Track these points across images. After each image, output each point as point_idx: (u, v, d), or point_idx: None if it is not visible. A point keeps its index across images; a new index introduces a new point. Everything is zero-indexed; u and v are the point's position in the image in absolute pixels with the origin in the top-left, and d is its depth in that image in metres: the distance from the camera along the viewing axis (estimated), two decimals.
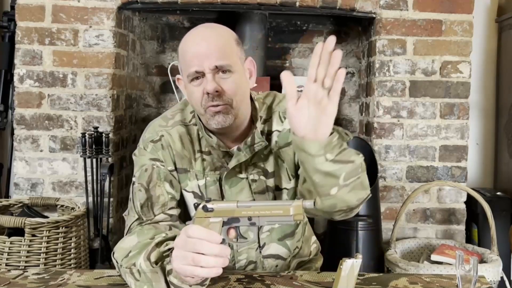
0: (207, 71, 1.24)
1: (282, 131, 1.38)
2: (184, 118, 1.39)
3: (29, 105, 2.47)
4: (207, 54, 1.23)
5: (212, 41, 1.25)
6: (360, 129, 2.90)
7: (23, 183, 2.47)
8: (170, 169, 1.35)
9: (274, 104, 1.41)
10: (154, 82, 3.00)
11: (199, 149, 1.37)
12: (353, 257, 1.10)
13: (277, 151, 1.37)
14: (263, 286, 1.23)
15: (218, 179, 1.36)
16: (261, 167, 1.37)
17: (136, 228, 1.28)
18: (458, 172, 2.61)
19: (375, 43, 2.59)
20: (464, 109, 2.60)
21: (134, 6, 2.53)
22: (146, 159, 1.35)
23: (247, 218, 1.07)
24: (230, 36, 1.30)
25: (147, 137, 1.37)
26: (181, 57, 1.30)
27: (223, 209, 1.07)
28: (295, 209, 1.05)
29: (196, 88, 1.26)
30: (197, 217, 1.07)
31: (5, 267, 2.08)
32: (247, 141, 1.33)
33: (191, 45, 1.27)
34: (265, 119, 1.39)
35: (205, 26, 1.33)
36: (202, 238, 1.01)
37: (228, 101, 1.26)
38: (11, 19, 2.69)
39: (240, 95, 1.28)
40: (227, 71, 1.25)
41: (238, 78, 1.27)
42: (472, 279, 1.07)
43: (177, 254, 1.05)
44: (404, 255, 2.47)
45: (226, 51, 1.26)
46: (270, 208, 1.06)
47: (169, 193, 1.32)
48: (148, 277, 1.12)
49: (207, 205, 1.07)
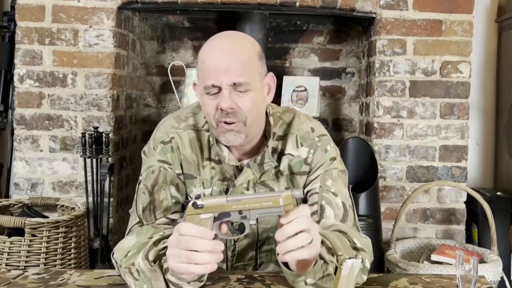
0: (224, 87, 1.20)
1: (296, 157, 1.34)
2: (197, 123, 1.36)
3: (29, 105, 2.47)
4: (226, 70, 1.19)
5: (233, 57, 1.20)
6: (360, 129, 2.90)
7: (23, 183, 2.47)
8: (178, 172, 1.34)
9: (294, 124, 1.37)
10: (154, 82, 3.00)
11: (208, 157, 1.34)
12: (353, 257, 1.10)
13: (289, 174, 1.35)
14: (263, 286, 1.23)
15: (225, 190, 1.33)
16: (270, 187, 1.34)
17: (135, 229, 1.29)
18: (458, 172, 2.61)
19: (375, 43, 2.59)
20: (464, 109, 2.60)
21: (134, 6, 2.53)
22: (154, 160, 1.34)
23: (237, 212, 1.06)
24: (252, 52, 1.25)
25: (158, 137, 1.35)
26: (200, 66, 1.25)
27: (213, 205, 1.06)
28: (284, 199, 1.04)
29: (211, 101, 1.22)
30: (187, 214, 1.07)
31: (5, 267, 2.08)
32: (257, 159, 1.31)
33: (211, 57, 1.22)
34: (279, 135, 1.35)
35: (228, 37, 1.28)
36: (194, 235, 1.02)
37: (242, 119, 1.22)
38: (11, 19, 2.69)
39: (255, 113, 1.25)
40: (245, 89, 1.21)
41: (254, 96, 1.23)
42: (472, 279, 1.07)
43: (171, 252, 1.05)
44: (404, 255, 2.47)
45: (246, 68, 1.21)
46: (260, 200, 1.05)
47: (174, 197, 1.31)
48: (147, 276, 1.13)
49: (197, 202, 1.06)
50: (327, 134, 1.39)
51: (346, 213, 1.31)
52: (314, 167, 1.34)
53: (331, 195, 1.31)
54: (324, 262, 1.10)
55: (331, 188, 1.32)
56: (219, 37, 1.27)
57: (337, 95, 3.02)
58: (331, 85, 3.01)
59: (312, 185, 1.34)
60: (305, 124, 1.37)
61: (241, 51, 1.23)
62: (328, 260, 1.10)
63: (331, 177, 1.33)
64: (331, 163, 1.35)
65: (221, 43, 1.24)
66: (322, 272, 1.10)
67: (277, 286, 1.22)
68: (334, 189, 1.32)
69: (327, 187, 1.32)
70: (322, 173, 1.33)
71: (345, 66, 3.00)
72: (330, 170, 1.34)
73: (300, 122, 1.37)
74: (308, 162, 1.34)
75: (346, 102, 3.02)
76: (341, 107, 3.01)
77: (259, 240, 1.37)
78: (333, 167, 1.35)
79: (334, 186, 1.32)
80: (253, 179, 1.32)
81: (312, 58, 2.99)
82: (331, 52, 2.99)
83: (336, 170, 1.35)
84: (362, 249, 1.22)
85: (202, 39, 2.97)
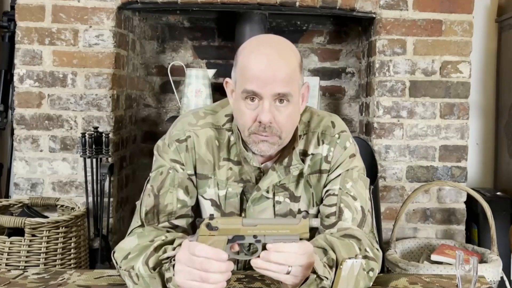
0: (267, 97, 1.19)
1: (316, 155, 1.33)
2: (217, 121, 1.34)
3: (29, 105, 2.46)
4: (271, 81, 1.18)
5: (279, 68, 1.19)
6: (360, 129, 2.90)
7: (23, 183, 2.47)
8: (190, 173, 1.32)
9: (313, 123, 1.36)
10: (154, 82, 3.00)
11: (226, 157, 1.32)
12: (352, 257, 1.10)
13: (307, 175, 1.33)
14: (263, 286, 1.23)
15: (241, 192, 1.32)
16: (289, 190, 1.32)
17: (137, 230, 1.27)
18: (458, 172, 2.61)
19: (375, 43, 2.59)
20: (464, 109, 2.60)
21: (134, 6, 2.53)
22: (166, 160, 1.31)
23: (252, 236, 1.05)
24: (296, 63, 1.24)
25: (174, 134, 1.33)
26: (240, 69, 1.23)
27: (228, 228, 1.05)
28: (302, 228, 1.04)
29: (249, 112, 1.21)
30: (200, 235, 1.05)
31: (5, 267, 2.08)
32: (284, 162, 1.29)
33: (257, 64, 1.19)
34: (299, 135, 1.33)
35: (274, 44, 1.25)
36: (210, 257, 1.01)
37: (277, 133, 1.22)
38: (11, 19, 2.69)
39: (291, 128, 1.25)
40: (285, 100, 1.20)
41: (293, 110, 1.22)
42: (472, 279, 1.07)
43: (181, 269, 1.04)
44: (404, 255, 2.47)
45: (290, 80, 1.20)
46: (276, 228, 1.04)
47: (181, 201, 1.29)
48: (146, 281, 1.12)
49: (211, 224, 1.04)
50: (347, 129, 1.38)
51: (364, 218, 1.30)
52: (334, 165, 1.33)
53: (350, 199, 1.30)
54: (317, 277, 1.08)
55: (350, 191, 1.31)
56: (264, 43, 1.25)
57: (337, 95, 3.02)
58: (331, 85, 3.01)
59: (331, 185, 1.33)
60: (325, 119, 1.36)
61: (287, 62, 1.21)
62: (322, 276, 1.09)
63: (352, 179, 1.32)
64: (351, 161, 1.34)
65: (267, 51, 1.22)
66: (316, 285, 1.09)
67: (277, 285, 1.22)
68: (354, 192, 1.31)
69: (346, 190, 1.30)
70: (343, 174, 1.32)
71: (345, 66, 3.00)
72: (350, 171, 1.33)
73: (320, 119, 1.36)
74: (329, 160, 1.33)
75: (346, 102, 3.02)
76: (341, 107, 3.01)
77: None
78: (353, 166, 1.33)
79: (354, 189, 1.31)
80: (275, 182, 1.30)
81: (312, 58, 2.99)
82: (331, 52, 2.99)
83: (357, 171, 1.34)
84: (373, 259, 1.22)
85: (202, 39, 2.98)
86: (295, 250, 1.04)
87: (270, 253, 1.03)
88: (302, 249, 1.05)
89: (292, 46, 1.27)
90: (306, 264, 1.05)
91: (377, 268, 1.23)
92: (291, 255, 1.04)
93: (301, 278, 1.07)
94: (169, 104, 2.99)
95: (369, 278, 1.19)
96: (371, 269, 1.20)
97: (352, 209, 1.29)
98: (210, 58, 2.97)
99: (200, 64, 2.97)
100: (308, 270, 1.07)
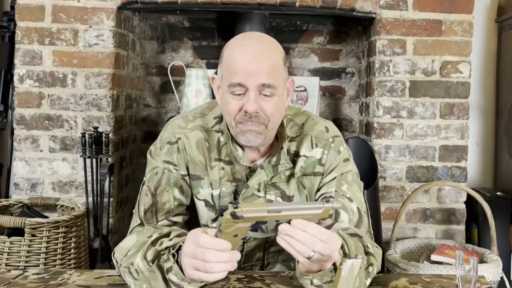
0: (252, 88, 1.21)
1: (310, 157, 1.35)
2: (206, 124, 1.36)
3: (29, 105, 2.46)
4: (256, 72, 1.21)
5: (263, 59, 1.22)
6: (360, 129, 2.90)
7: (23, 183, 2.47)
8: (183, 173, 1.34)
9: (307, 125, 1.38)
10: (154, 82, 3.00)
11: (217, 157, 1.34)
12: (353, 257, 1.10)
13: (301, 176, 1.35)
14: (263, 286, 1.23)
15: (234, 191, 1.34)
16: (281, 189, 1.34)
17: (137, 228, 1.29)
18: (458, 172, 2.61)
19: (375, 43, 2.59)
20: (464, 109, 2.60)
21: (134, 6, 2.53)
22: (159, 161, 1.34)
23: (274, 220, 1.06)
24: (280, 56, 1.27)
25: (165, 137, 1.36)
26: (226, 64, 1.26)
27: (253, 216, 1.04)
28: (324, 213, 1.06)
29: (235, 101, 1.23)
30: (224, 223, 1.03)
31: (5, 267, 2.08)
32: (272, 160, 1.31)
33: (241, 57, 1.23)
34: (292, 137, 1.36)
35: (257, 38, 1.29)
36: (210, 247, 1.01)
37: (264, 122, 1.24)
38: (11, 19, 2.69)
39: (277, 118, 1.27)
40: (270, 92, 1.22)
41: (278, 101, 1.25)
42: (472, 279, 1.07)
43: (187, 262, 1.05)
44: (404, 255, 2.48)
45: (274, 72, 1.23)
46: (300, 214, 1.05)
47: (177, 199, 1.31)
48: (146, 276, 1.13)
49: (237, 213, 1.03)
50: (340, 135, 1.40)
51: (361, 219, 1.32)
52: (328, 168, 1.35)
53: (347, 201, 1.31)
54: (334, 268, 1.09)
55: (346, 193, 1.32)
56: (248, 38, 1.29)
57: (337, 95, 3.02)
58: (331, 85, 3.01)
59: (326, 188, 1.34)
60: (319, 124, 1.39)
61: (271, 55, 1.24)
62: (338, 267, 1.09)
63: (347, 182, 1.34)
64: (345, 165, 1.35)
65: (252, 44, 1.25)
66: (330, 276, 1.09)
67: (276, 285, 1.22)
68: (350, 194, 1.32)
69: (342, 192, 1.32)
70: (338, 177, 1.34)
71: (345, 66, 3.00)
72: (345, 174, 1.35)
73: (314, 123, 1.38)
74: (322, 163, 1.35)
75: (346, 102, 3.02)
76: (341, 107, 3.01)
77: (268, 242, 1.37)
78: (348, 170, 1.35)
79: (350, 191, 1.33)
80: (265, 180, 1.32)
81: (312, 58, 2.99)
82: (331, 52, 2.99)
83: (351, 174, 1.36)
84: (373, 255, 1.22)
85: (202, 39, 2.98)
86: (323, 237, 1.03)
87: (295, 230, 1.03)
88: (332, 242, 1.04)
89: (276, 42, 1.30)
90: (327, 257, 1.05)
91: (376, 264, 1.23)
92: (317, 242, 1.03)
93: (317, 267, 1.07)
94: (169, 104, 2.99)
95: (368, 274, 1.20)
96: (370, 264, 1.21)
97: (349, 211, 1.30)
98: (210, 58, 2.97)
99: (200, 64, 2.97)
100: (327, 263, 1.07)
